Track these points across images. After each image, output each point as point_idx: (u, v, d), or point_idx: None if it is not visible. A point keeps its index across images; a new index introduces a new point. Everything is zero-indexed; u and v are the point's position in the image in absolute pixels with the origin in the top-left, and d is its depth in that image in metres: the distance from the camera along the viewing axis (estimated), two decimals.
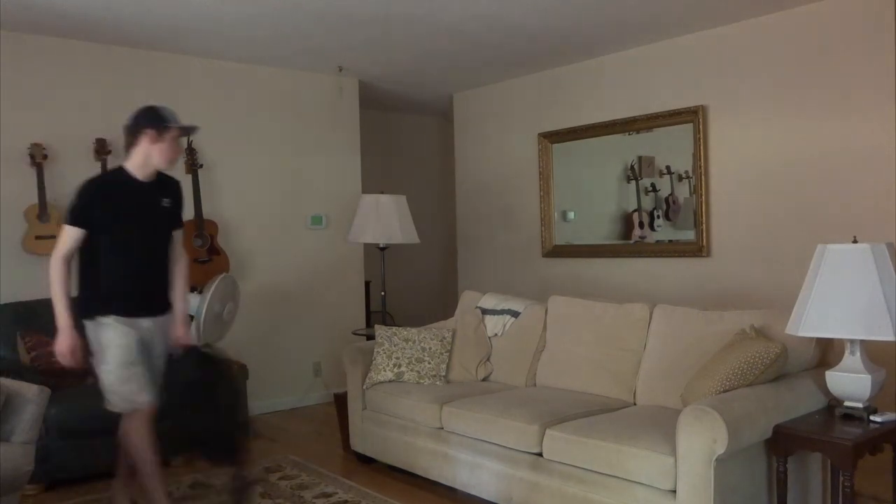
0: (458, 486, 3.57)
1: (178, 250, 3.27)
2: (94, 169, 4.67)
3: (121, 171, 3.06)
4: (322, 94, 5.84)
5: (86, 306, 3.01)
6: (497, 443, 3.33)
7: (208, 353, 3.39)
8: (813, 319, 2.70)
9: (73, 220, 2.99)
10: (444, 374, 4.12)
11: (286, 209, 5.64)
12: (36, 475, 3.29)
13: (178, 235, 3.26)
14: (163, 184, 3.15)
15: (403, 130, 7.62)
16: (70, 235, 2.97)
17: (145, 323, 3.07)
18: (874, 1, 3.98)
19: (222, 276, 4.77)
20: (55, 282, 2.94)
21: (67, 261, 2.98)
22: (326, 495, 3.68)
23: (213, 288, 4.64)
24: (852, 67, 4.08)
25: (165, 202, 3.14)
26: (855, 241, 2.71)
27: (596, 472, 2.91)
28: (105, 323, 2.98)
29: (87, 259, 3.03)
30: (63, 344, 2.97)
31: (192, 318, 4.74)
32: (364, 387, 4.13)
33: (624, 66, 5.28)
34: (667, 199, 5.10)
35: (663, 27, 4.73)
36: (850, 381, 2.72)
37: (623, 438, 2.85)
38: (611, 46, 5.18)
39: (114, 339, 2.97)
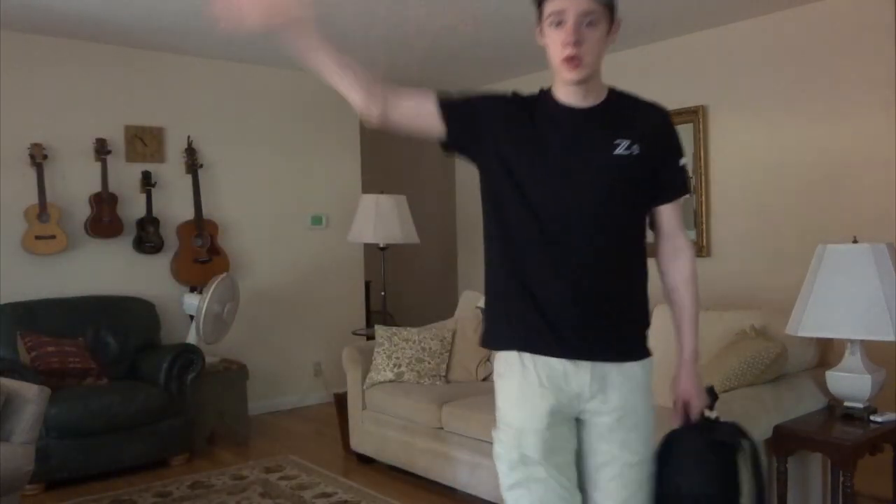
0: (458, 486, 3.57)
1: (672, 238, 1.84)
2: (94, 169, 4.70)
3: (545, 93, 1.78)
4: (322, 94, 5.79)
5: (487, 323, 1.83)
6: None
7: (715, 424, 1.81)
8: (813, 319, 2.70)
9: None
10: (444, 374, 4.12)
11: (286, 209, 5.64)
12: (36, 475, 3.29)
13: (668, 212, 1.81)
14: (622, 113, 1.74)
15: None
16: None
17: (576, 373, 1.68)
18: (874, 1, 3.98)
19: (222, 276, 4.79)
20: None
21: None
22: (326, 495, 3.68)
23: (212, 288, 4.66)
24: (852, 67, 4.08)
25: (623, 147, 1.68)
26: (855, 241, 2.71)
27: None
28: (500, 360, 1.79)
29: (489, 235, 1.80)
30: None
31: (191, 318, 4.77)
32: (364, 387, 4.13)
33: (624, 66, 5.26)
34: None
35: (663, 27, 4.73)
36: (850, 381, 2.72)
37: None
38: (611, 46, 5.17)
39: (507, 396, 1.77)
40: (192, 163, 5.04)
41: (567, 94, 1.72)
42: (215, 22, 1.55)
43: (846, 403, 2.76)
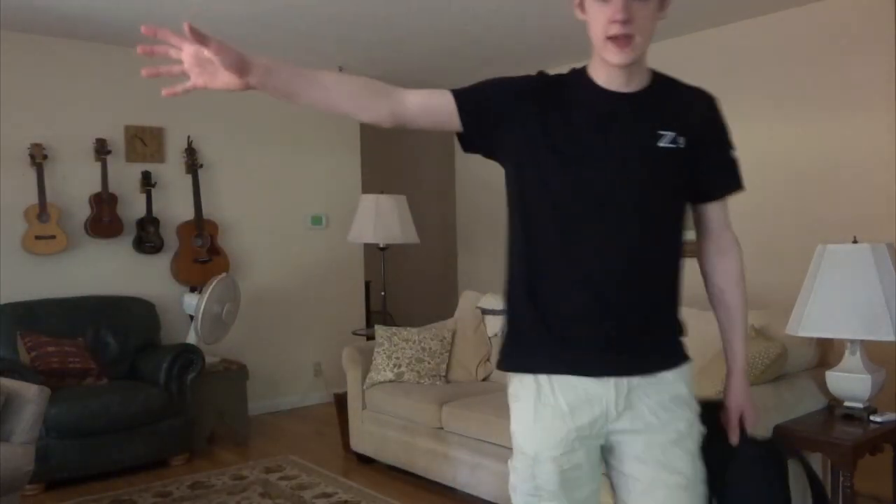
0: (458, 486, 3.57)
1: (720, 236, 1.72)
2: (94, 169, 4.70)
3: (579, 73, 1.59)
4: None
5: (503, 343, 1.61)
6: (497, 443, 3.32)
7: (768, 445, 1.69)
8: (813, 319, 2.70)
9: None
10: (444, 374, 4.12)
11: (286, 209, 5.64)
12: (36, 475, 3.29)
13: (717, 209, 1.69)
14: (668, 100, 1.55)
15: (403, 130, 7.61)
16: None
17: (599, 391, 1.48)
18: (874, 1, 3.98)
19: (220, 276, 4.78)
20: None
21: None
22: (326, 495, 3.68)
23: (210, 289, 4.65)
24: (852, 67, 4.08)
25: (668, 139, 1.50)
26: (855, 241, 2.71)
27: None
28: (515, 380, 1.57)
29: (510, 242, 1.59)
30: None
31: (191, 318, 4.77)
32: (364, 387, 4.13)
33: None
34: None
35: (663, 27, 4.71)
36: (850, 381, 2.72)
37: None
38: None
39: (522, 420, 1.54)
40: (192, 163, 5.04)
41: (609, 77, 1.50)
42: (185, 78, 1.49)
43: (846, 403, 2.76)
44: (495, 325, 4.28)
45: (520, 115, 1.50)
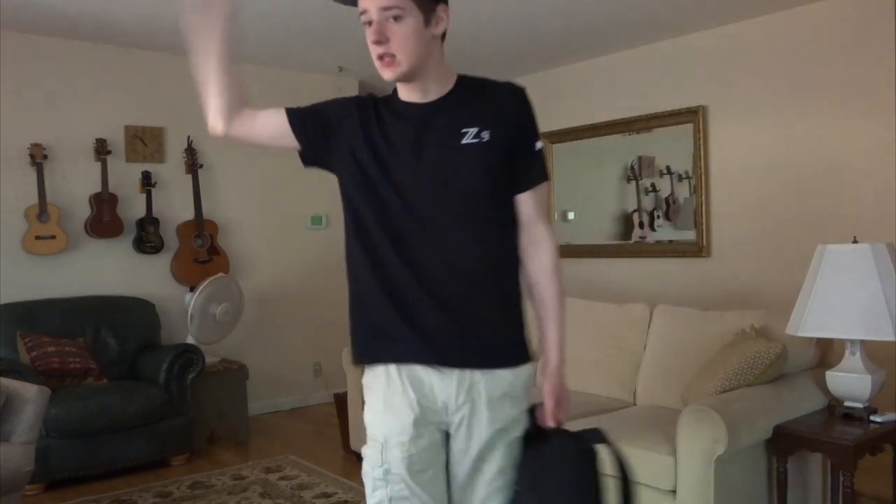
0: None
1: (531, 228, 1.67)
2: (94, 169, 4.70)
3: (393, 93, 1.69)
4: (322, 95, 5.78)
5: (352, 339, 1.73)
6: None
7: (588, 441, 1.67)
8: (813, 319, 2.70)
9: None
10: None
11: (286, 209, 5.64)
12: (36, 475, 3.29)
13: (526, 201, 1.65)
14: (470, 100, 1.63)
15: None
16: None
17: (441, 383, 1.58)
18: (874, 1, 3.98)
19: (215, 276, 4.78)
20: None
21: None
22: (326, 495, 3.68)
23: (200, 289, 4.65)
24: (852, 68, 4.08)
25: (471, 135, 1.57)
26: (855, 241, 2.71)
27: None
28: (371, 375, 1.73)
29: (347, 244, 1.75)
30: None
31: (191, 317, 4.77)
32: None
33: (624, 66, 5.28)
34: (667, 199, 5.11)
35: (663, 27, 4.73)
36: (850, 381, 2.72)
37: (623, 438, 2.85)
38: (611, 46, 5.18)
39: (373, 408, 1.74)
40: (192, 163, 5.04)
41: (407, 92, 1.63)
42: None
43: (846, 403, 2.76)
44: None
45: (344, 129, 1.66)
